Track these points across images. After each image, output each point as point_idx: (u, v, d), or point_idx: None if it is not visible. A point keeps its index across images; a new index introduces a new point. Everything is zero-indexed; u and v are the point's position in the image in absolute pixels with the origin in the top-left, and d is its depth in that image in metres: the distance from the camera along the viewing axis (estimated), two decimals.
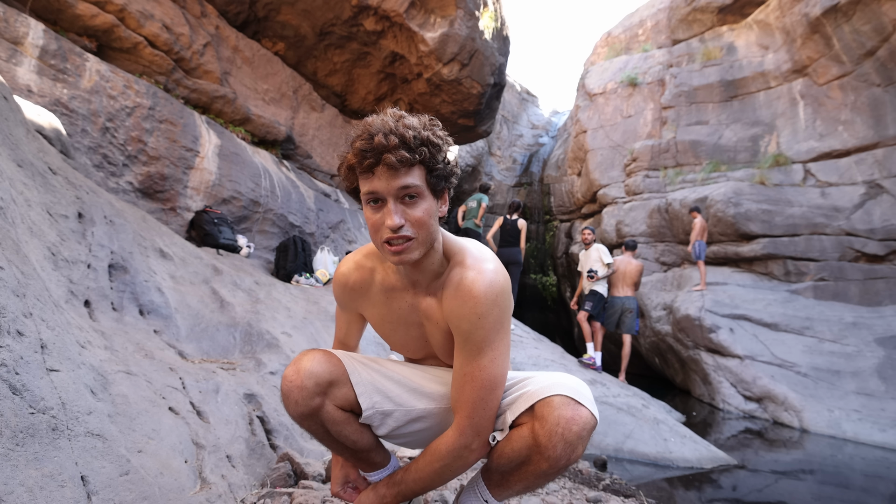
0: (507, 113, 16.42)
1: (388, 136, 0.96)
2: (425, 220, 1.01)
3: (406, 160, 0.97)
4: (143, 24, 4.92)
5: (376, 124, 0.98)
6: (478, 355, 1.05)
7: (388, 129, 0.97)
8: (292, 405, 1.10)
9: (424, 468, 1.13)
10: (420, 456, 1.15)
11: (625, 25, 12.95)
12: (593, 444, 3.90)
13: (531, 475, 1.07)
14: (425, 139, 1.00)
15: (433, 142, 1.01)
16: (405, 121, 1.00)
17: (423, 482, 1.14)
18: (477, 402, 1.05)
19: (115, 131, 4.47)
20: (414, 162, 0.98)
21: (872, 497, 3.58)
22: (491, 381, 1.05)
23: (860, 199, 7.37)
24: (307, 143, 7.47)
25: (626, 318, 6.29)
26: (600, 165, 10.84)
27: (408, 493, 1.17)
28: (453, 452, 1.08)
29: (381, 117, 1.01)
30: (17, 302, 1.21)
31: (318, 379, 1.10)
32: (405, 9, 6.65)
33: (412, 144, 0.97)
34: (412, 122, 1.00)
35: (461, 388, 1.07)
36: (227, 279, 3.87)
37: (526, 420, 1.06)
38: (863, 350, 6.05)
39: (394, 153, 0.95)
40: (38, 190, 2.27)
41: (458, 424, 1.08)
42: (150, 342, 2.34)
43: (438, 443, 1.11)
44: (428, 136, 1.00)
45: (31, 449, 1.03)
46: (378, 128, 0.97)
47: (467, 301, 1.03)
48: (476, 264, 1.07)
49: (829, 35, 7.79)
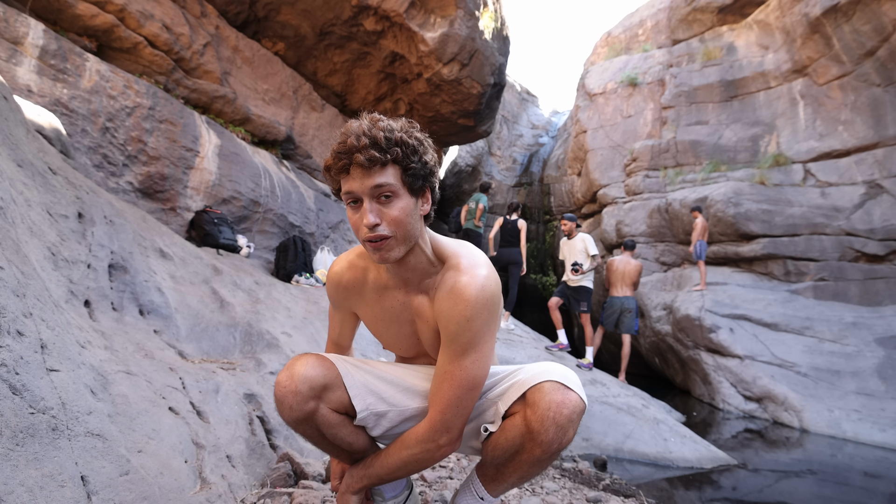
0: (507, 113, 16.42)
1: (360, 138, 1.00)
2: (402, 218, 1.03)
3: (376, 159, 1.00)
4: (143, 24, 4.92)
5: (352, 128, 1.03)
6: (461, 356, 1.07)
7: (360, 131, 1.01)
8: (287, 410, 1.11)
9: (392, 455, 1.16)
10: (392, 443, 1.18)
11: (625, 25, 12.94)
12: (593, 444, 3.90)
13: (525, 464, 1.10)
14: (398, 140, 1.02)
15: (406, 142, 1.03)
16: (380, 123, 1.03)
17: (389, 468, 1.17)
18: (452, 400, 1.07)
19: (115, 131, 4.47)
20: (386, 161, 1.01)
21: (872, 497, 3.58)
22: (470, 381, 1.07)
23: (860, 199, 7.37)
24: (307, 143, 7.47)
25: (626, 318, 6.28)
26: (600, 165, 10.84)
27: (373, 477, 1.20)
28: (421, 444, 1.11)
29: (358, 121, 1.04)
30: (17, 302, 1.21)
31: (312, 383, 1.11)
32: (405, 9, 6.65)
33: (383, 145, 1.00)
34: (386, 125, 1.03)
35: (440, 384, 1.10)
36: (227, 279, 3.87)
37: (518, 409, 1.10)
38: (863, 350, 6.05)
39: (363, 153, 0.99)
40: (38, 190, 2.27)
41: (430, 418, 1.11)
42: (150, 342, 2.34)
43: (410, 432, 1.14)
44: (401, 136, 1.03)
45: (31, 449, 1.03)
46: (352, 131, 1.02)
47: (458, 304, 1.05)
48: (470, 269, 1.09)
49: (829, 35, 7.79)
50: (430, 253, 1.13)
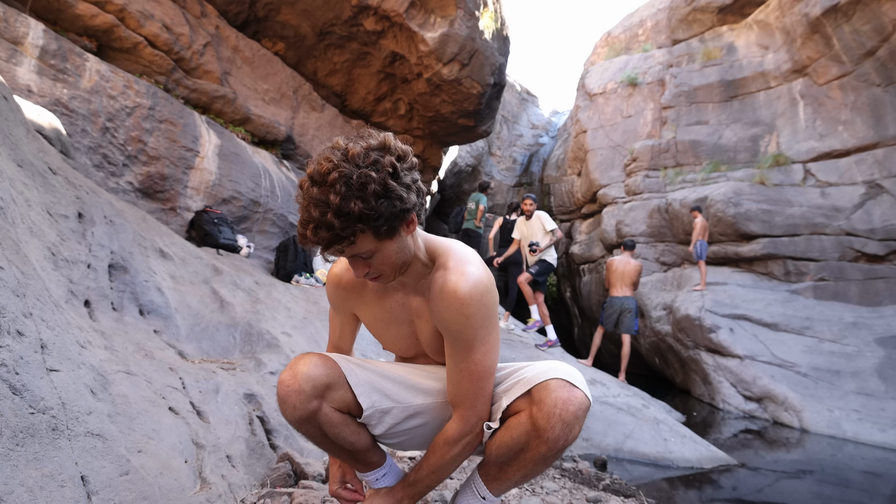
0: (507, 113, 16.42)
1: (318, 232, 0.93)
2: (388, 261, 1.04)
3: (342, 247, 0.97)
4: (143, 24, 4.92)
5: (306, 209, 0.94)
6: (470, 352, 1.09)
7: (314, 219, 0.92)
8: (290, 409, 1.11)
9: (437, 461, 1.17)
10: (428, 452, 1.19)
11: (625, 25, 12.95)
12: (593, 444, 3.90)
13: (529, 462, 1.10)
14: (358, 214, 0.92)
15: (368, 208, 0.92)
16: (331, 194, 0.91)
17: (438, 474, 1.19)
18: (477, 392, 1.12)
19: (115, 131, 4.47)
20: (351, 241, 0.96)
21: (872, 497, 3.58)
22: (485, 372, 1.11)
23: (860, 199, 7.37)
24: (307, 143, 7.47)
25: (625, 318, 6.28)
26: (600, 165, 10.84)
27: (423, 489, 1.22)
28: (463, 439, 1.14)
29: (309, 186, 0.94)
30: (17, 302, 1.21)
31: (316, 382, 1.11)
32: (405, 9, 6.65)
33: (342, 232, 0.93)
34: (340, 190, 0.90)
35: (458, 384, 1.12)
36: (227, 279, 3.87)
37: (523, 407, 1.10)
38: (863, 350, 6.05)
39: (330, 250, 0.98)
40: (38, 190, 2.27)
41: (462, 416, 1.13)
42: (150, 342, 2.34)
43: (446, 435, 1.16)
44: (359, 208, 0.91)
45: (31, 449, 1.03)
46: (306, 217, 0.94)
47: (453, 304, 1.05)
48: (458, 266, 1.08)
49: (829, 35, 7.79)
50: (423, 257, 1.14)
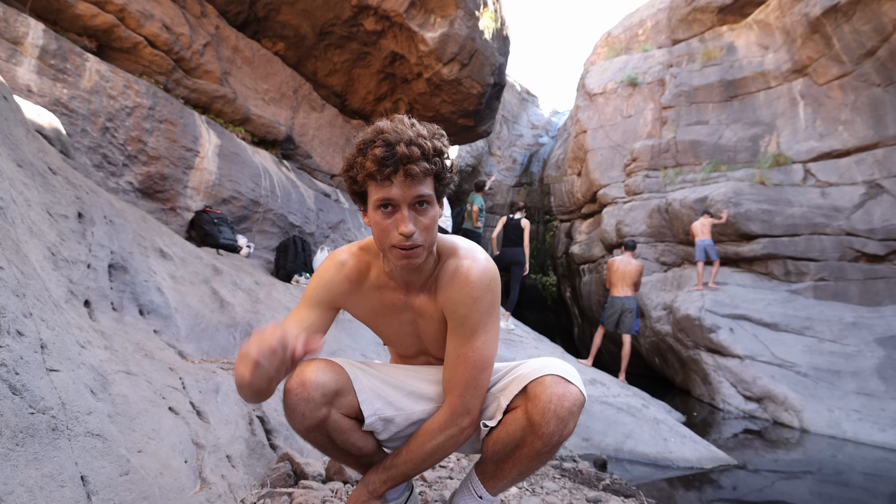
0: (507, 113, 16.41)
1: (410, 147, 0.98)
2: (432, 226, 1.06)
3: (427, 171, 1.01)
4: (143, 24, 4.92)
5: (393, 133, 1.00)
6: (471, 337, 1.10)
7: (407, 139, 0.99)
8: (299, 418, 1.08)
9: (416, 449, 1.15)
10: (411, 438, 1.18)
11: (625, 25, 12.95)
12: (593, 444, 3.90)
13: (525, 458, 1.10)
14: (438, 150, 1.03)
15: (443, 152, 1.05)
16: (419, 130, 1.02)
17: (414, 462, 1.16)
18: (469, 381, 1.11)
19: (115, 131, 4.47)
20: (430, 172, 1.02)
21: (872, 497, 3.57)
22: (483, 361, 1.11)
23: (860, 199, 7.37)
24: (307, 143, 7.47)
25: (626, 318, 6.28)
26: (600, 165, 10.83)
27: (398, 476, 1.19)
28: (445, 430, 1.13)
29: (394, 125, 1.02)
30: (17, 302, 1.21)
31: (325, 389, 1.10)
32: (405, 9, 6.65)
33: (430, 156, 1.01)
34: (425, 132, 1.03)
35: (454, 370, 1.12)
36: (227, 279, 3.87)
37: (519, 404, 1.11)
38: (863, 350, 6.04)
39: (417, 164, 0.99)
40: (38, 190, 2.27)
41: (449, 404, 1.12)
42: (150, 342, 2.34)
43: (430, 423, 1.15)
44: (440, 146, 1.04)
45: (31, 449, 1.03)
46: (397, 137, 0.99)
47: (464, 286, 1.09)
48: (469, 254, 1.13)
49: (829, 35, 7.78)
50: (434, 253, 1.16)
